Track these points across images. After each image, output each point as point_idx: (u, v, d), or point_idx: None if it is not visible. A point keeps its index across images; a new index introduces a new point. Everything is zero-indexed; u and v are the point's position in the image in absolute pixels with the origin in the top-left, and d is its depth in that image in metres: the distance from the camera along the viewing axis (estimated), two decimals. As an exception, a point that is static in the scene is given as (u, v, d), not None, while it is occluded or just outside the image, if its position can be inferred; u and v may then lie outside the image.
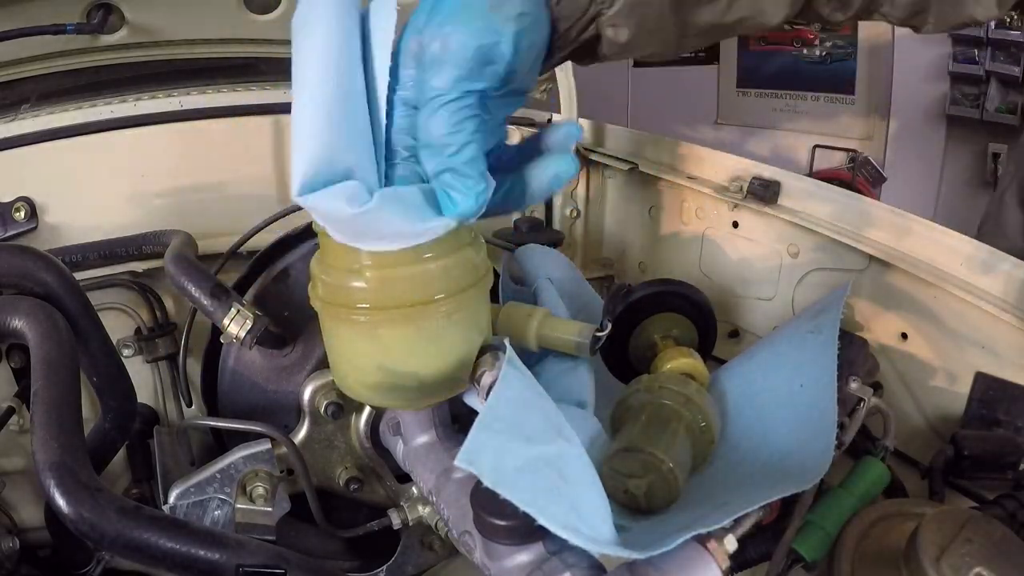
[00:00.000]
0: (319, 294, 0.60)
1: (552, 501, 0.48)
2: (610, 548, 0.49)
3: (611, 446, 0.65)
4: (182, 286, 0.74)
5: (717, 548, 0.52)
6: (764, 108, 3.04)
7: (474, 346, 0.61)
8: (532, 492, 0.47)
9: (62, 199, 0.93)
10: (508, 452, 0.49)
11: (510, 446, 0.49)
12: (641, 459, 0.62)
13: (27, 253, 0.70)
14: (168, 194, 0.98)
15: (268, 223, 0.94)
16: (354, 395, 0.65)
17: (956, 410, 0.82)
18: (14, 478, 0.87)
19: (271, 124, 1.03)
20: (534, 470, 0.49)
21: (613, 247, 1.31)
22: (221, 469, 0.71)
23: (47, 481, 0.50)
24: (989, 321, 0.77)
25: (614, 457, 0.63)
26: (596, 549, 0.48)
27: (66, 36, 1.03)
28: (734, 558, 0.55)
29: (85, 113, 0.95)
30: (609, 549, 0.49)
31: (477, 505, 0.50)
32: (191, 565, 0.50)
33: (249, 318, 0.73)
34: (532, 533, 0.49)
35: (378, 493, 0.81)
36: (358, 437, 0.78)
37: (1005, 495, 0.67)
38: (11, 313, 0.65)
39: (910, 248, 0.83)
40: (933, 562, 0.52)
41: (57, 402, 0.57)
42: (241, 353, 0.82)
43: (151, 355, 0.97)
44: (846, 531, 0.63)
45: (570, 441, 0.53)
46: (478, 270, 0.60)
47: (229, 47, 1.19)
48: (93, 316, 0.72)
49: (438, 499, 0.64)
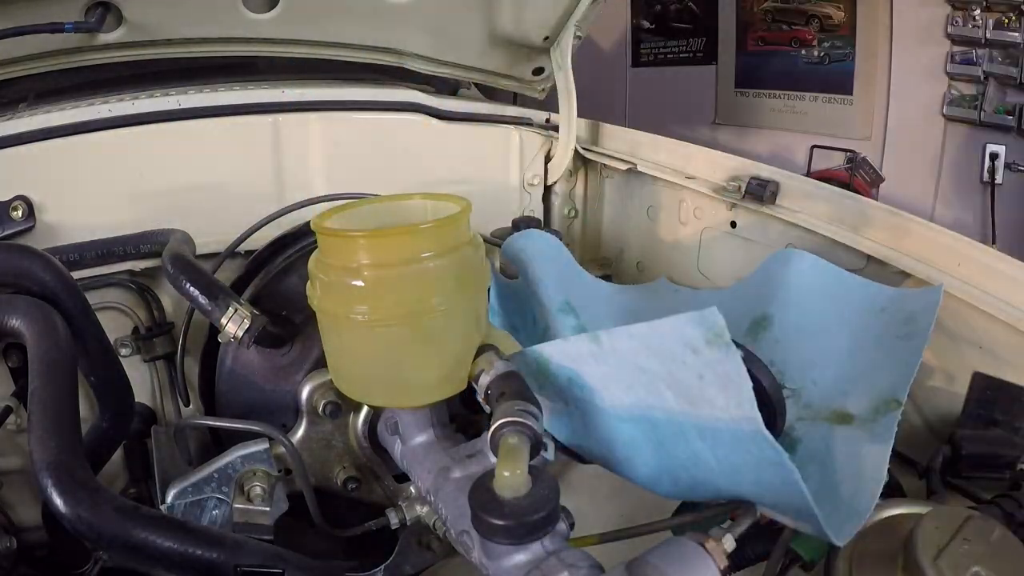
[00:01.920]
0: (317, 293, 0.60)
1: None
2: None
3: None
4: (180, 285, 0.74)
5: (715, 547, 0.52)
6: (762, 108, 3.04)
7: (472, 345, 0.61)
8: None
9: (60, 198, 0.92)
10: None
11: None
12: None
13: (25, 252, 0.69)
14: (166, 193, 0.98)
15: (266, 222, 0.94)
16: (352, 394, 0.65)
17: (954, 410, 0.82)
18: (11, 477, 0.87)
19: (269, 123, 1.03)
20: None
21: (611, 246, 1.31)
22: (219, 468, 0.71)
23: (44, 480, 0.50)
24: (987, 321, 0.77)
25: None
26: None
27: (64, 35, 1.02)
28: (732, 557, 0.55)
29: (83, 112, 0.95)
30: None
31: (475, 504, 0.50)
32: (189, 565, 0.50)
33: (247, 317, 0.72)
34: (530, 532, 0.49)
35: (376, 492, 0.81)
36: (356, 436, 0.78)
37: (1002, 495, 0.67)
38: (8, 312, 0.65)
39: (908, 248, 0.83)
40: (931, 561, 0.52)
41: (55, 401, 0.57)
42: (239, 352, 0.81)
43: (149, 354, 0.96)
44: (844, 531, 0.63)
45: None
46: (476, 270, 0.60)
47: (227, 46, 1.19)
48: (91, 315, 0.72)
49: (436, 498, 0.64)
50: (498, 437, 0.52)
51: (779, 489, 0.54)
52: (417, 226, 0.58)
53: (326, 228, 0.58)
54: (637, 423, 0.60)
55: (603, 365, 0.60)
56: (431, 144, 1.13)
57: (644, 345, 0.55)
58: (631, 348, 0.56)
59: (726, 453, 0.55)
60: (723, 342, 0.51)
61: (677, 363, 0.54)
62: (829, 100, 2.91)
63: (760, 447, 0.52)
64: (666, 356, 0.54)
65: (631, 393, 0.59)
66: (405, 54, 1.28)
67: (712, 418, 0.54)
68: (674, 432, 0.58)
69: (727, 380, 0.52)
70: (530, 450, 0.52)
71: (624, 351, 0.57)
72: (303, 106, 1.06)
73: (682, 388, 0.55)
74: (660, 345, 0.55)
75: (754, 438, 0.52)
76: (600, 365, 0.60)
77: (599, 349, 0.59)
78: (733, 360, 0.51)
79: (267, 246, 0.87)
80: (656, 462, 0.62)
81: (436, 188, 0.67)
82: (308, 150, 1.06)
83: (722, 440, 0.54)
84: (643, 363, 0.56)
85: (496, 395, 0.57)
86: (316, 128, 1.06)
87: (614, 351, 0.58)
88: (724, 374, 0.52)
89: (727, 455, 0.55)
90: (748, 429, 0.52)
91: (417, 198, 0.67)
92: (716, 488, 0.60)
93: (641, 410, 0.59)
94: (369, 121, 1.10)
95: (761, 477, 0.54)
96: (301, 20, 1.18)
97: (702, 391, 0.53)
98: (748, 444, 0.53)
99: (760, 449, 0.52)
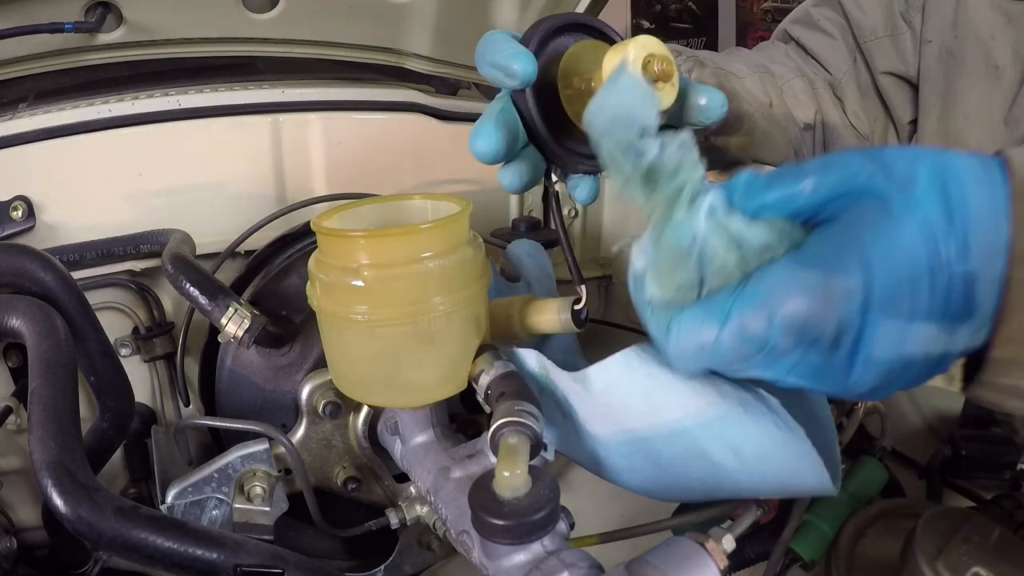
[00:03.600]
0: (317, 293, 0.60)
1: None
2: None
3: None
4: (180, 285, 0.74)
5: (715, 547, 0.52)
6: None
7: (472, 345, 0.61)
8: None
9: (60, 198, 0.92)
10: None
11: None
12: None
13: (25, 252, 0.69)
14: (166, 193, 0.98)
15: (266, 222, 0.94)
16: (352, 394, 0.65)
17: (954, 410, 0.82)
18: (11, 478, 0.87)
19: (269, 123, 1.03)
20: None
21: (610, 246, 1.31)
22: (219, 468, 0.71)
23: (44, 481, 0.50)
24: (987, 321, 0.77)
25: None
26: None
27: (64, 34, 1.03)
28: (732, 557, 0.55)
29: (83, 112, 0.95)
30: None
31: (475, 504, 0.50)
32: (189, 565, 0.50)
33: (247, 317, 0.72)
34: (530, 532, 0.49)
35: (376, 493, 0.81)
36: (356, 436, 0.78)
37: (1002, 495, 0.67)
38: (9, 312, 0.65)
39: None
40: (931, 562, 0.52)
41: (55, 401, 0.57)
42: (239, 352, 0.81)
43: (149, 354, 0.96)
44: (844, 531, 0.63)
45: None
46: (476, 269, 0.60)
47: (227, 46, 1.19)
48: (91, 315, 0.72)
49: (436, 498, 0.64)
50: (498, 437, 0.52)
51: (797, 462, 0.53)
52: (417, 226, 0.58)
53: (326, 228, 0.58)
54: (630, 456, 0.59)
55: (588, 404, 0.58)
56: (431, 144, 1.12)
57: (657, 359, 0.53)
58: (637, 371, 0.54)
59: (751, 447, 0.53)
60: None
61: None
62: (829, 100, 2.90)
63: (781, 426, 0.51)
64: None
65: (621, 425, 0.57)
66: (405, 54, 1.28)
67: (736, 407, 0.52)
68: (684, 451, 0.55)
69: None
70: (530, 450, 0.52)
71: (623, 383, 0.55)
72: (303, 106, 1.06)
73: (700, 391, 0.53)
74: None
75: (778, 416, 0.51)
76: (585, 404, 0.58)
77: (585, 391, 0.57)
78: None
79: (267, 246, 0.87)
80: (654, 480, 0.61)
81: (436, 188, 0.67)
82: (308, 150, 1.06)
83: (746, 432, 0.52)
84: (648, 386, 0.54)
85: (496, 395, 0.57)
86: (316, 128, 1.06)
87: (607, 390, 0.56)
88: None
89: (752, 448, 0.53)
90: (772, 406, 0.51)
91: (417, 198, 0.67)
92: (735, 490, 0.58)
93: (636, 441, 0.57)
94: (369, 121, 1.10)
95: (784, 457, 0.53)
96: (301, 20, 1.18)
97: (724, 381, 0.51)
98: (772, 427, 0.51)
99: (782, 429, 0.51)
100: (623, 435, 0.58)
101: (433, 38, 1.24)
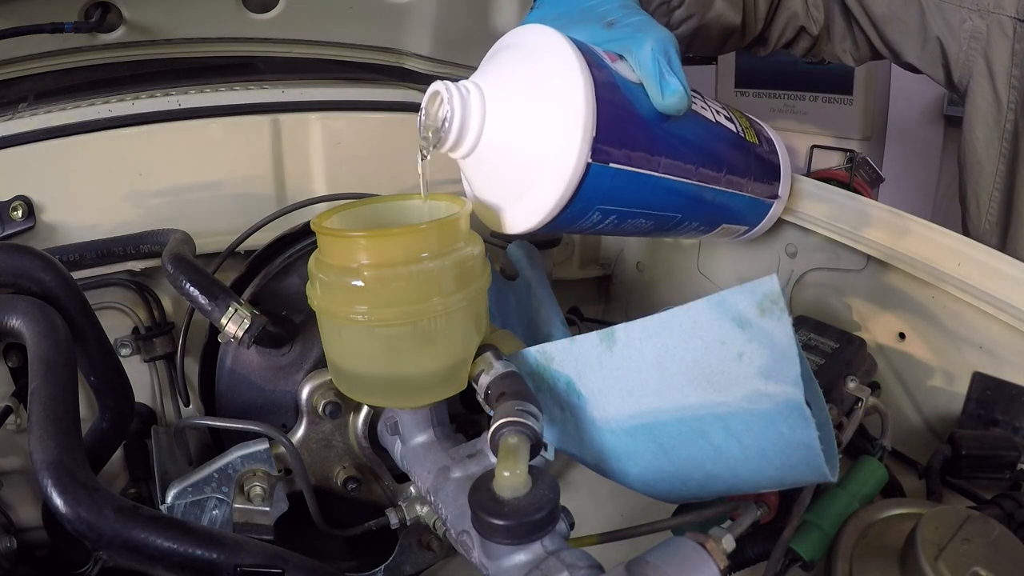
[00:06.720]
0: (317, 293, 0.60)
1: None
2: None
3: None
4: (180, 285, 0.74)
5: (715, 547, 0.52)
6: (762, 108, 3.03)
7: (472, 345, 0.61)
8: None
9: (60, 198, 0.92)
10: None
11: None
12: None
13: (24, 252, 0.69)
14: (166, 193, 0.98)
15: (266, 222, 0.94)
16: (352, 394, 0.65)
17: (954, 410, 0.82)
18: (11, 477, 0.87)
19: (269, 123, 1.03)
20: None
21: (611, 246, 1.31)
22: (219, 468, 0.71)
23: (44, 480, 0.50)
24: (987, 321, 0.77)
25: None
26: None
27: (64, 34, 1.03)
28: (732, 557, 0.55)
29: (83, 112, 0.95)
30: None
31: (475, 504, 0.50)
32: (189, 565, 0.50)
33: (247, 317, 0.72)
34: (530, 532, 0.49)
35: (376, 493, 0.81)
36: (356, 436, 0.78)
37: (1003, 495, 0.67)
38: (8, 312, 0.65)
39: (908, 248, 0.83)
40: (931, 561, 0.52)
41: (54, 401, 0.56)
42: (239, 352, 0.81)
43: (149, 354, 0.96)
44: (844, 531, 0.63)
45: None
46: (476, 269, 0.60)
47: (227, 46, 1.19)
48: (91, 315, 0.72)
49: (436, 498, 0.64)
50: (498, 437, 0.52)
51: (799, 459, 0.53)
52: (417, 226, 0.58)
53: (326, 228, 0.58)
54: (634, 436, 0.60)
55: (606, 369, 0.59)
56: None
57: (674, 331, 0.53)
58: (652, 339, 0.55)
59: (754, 439, 0.53)
60: (779, 308, 0.49)
61: (712, 346, 0.52)
62: (829, 100, 2.90)
63: (791, 426, 0.50)
64: (698, 341, 0.52)
65: (632, 400, 0.58)
66: (405, 54, 1.28)
67: (743, 402, 0.51)
68: (689, 431, 0.56)
69: (773, 352, 0.49)
70: (530, 450, 0.52)
71: (641, 345, 0.55)
72: (303, 106, 1.06)
73: (711, 376, 0.53)
74: (693, 329, 0.53)
75: (788, 415, 0.50)
76: (603, 369, 0.59)
77: (607, 351, 0.58)
78: (784, 328, 0.48)
79: (267, 246, 0.87)
80: (656, 469, 0.61)
81: (436, 188, 0.67)
82: (308, 150, 1.06)
83: (751, 425, 0.52)
84: (662, 357, 0.55)
85: (496, 395, 0.57)
86: (316, 128, 1.06)
87: (628, 346, 0.56)
88: (772, 346, 0.49)
89: (755, 441, 0.53)
90: (785, 405, 0.50)
91: (417, 198, 0.67)
92: (734, 481, 0.58)
93: (642, 419, 0.58)
94: (369, 121, 1.10)
95: (787, 454, 0.53)
96: (301, 20, 1.18)
97: (739, 372, 0.51)
98: (780, 424, 0.51)
99: (791, 429, 0.50)
100: (628, 419, 0.58)
101: (433, 38, 1.24)
